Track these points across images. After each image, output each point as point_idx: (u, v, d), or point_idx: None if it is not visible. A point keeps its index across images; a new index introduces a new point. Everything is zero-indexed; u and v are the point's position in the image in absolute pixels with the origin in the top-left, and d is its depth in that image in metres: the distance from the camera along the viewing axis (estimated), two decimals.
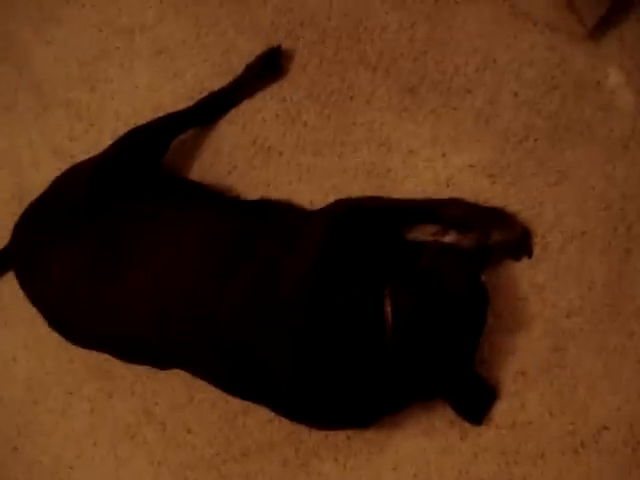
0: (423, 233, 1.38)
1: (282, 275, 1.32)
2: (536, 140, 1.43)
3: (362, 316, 1.29)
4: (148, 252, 1.44)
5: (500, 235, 1.37)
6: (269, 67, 1.62)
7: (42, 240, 1.54)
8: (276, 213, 1.50)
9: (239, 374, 1.38)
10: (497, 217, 1.40)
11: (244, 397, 1.44)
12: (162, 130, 1.62)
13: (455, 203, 1.42)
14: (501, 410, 1.39)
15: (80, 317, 1.50)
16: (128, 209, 1.50)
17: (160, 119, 1.63)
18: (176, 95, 1.70)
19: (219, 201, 1.56)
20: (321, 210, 1.45)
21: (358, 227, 1.36)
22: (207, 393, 1.55)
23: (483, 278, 1.35)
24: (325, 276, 1.31)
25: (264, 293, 1.32)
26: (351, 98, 1.57)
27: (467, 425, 1.39)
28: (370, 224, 1.37)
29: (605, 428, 1.33)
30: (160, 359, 1.51)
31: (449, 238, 1.37)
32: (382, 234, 1.37)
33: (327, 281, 1.30)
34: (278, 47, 1.62)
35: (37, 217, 1.59)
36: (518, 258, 1.40)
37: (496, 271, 1.41)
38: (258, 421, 1.55)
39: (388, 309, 1.28)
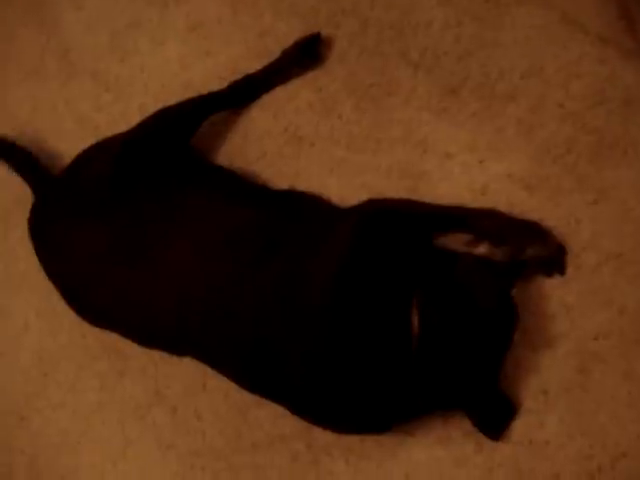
0: (455, 242, 1.35)
1: (309, 276, 1.30)
2: (578, 155, 1.39)
3: (387, 322, 1.26)
4: (173, 237, 1.41)
5: (535, 251, 1.34)
6: (307, 54, 1.58)
7: (65, 214, 1.51)
8: (306, 208, 1.47)
9: (256, 370, 1.36)
10: (533, 232, 1.36)
11: (259, 393, 1.43)
12: (193, 111, 1.57)
13: (491, 214, 1.39)
14: (519, 427, 1.37)
15: (97, 297, 1.48)
16: (154, 191, 1.47)
17: (191, 100, 1.59)
18: (207, 74, 1.65)
19: (247, 190, 1.52)
20: (354, 210, 1.41)
21: (390, 231, 1.33)
22: (221, 382, 1.51)
23: (514, 293, 1.33)
24: (353, 279, 1.28)
25: (290, 292, 1.30)
26: (390, 94, 1.52)
27: (483, 438, 1.37)
28: (402, 228, 1.34)
29: (623, 455, 1.31)
30: (175, 346, 1.50)
31: (482, 249, 1.34)
32: (413, 239, 1.35)
33: (355, 284, 1.27)
34: (317, 34, 1.57)
35: (61, 190, 1.56)
36: (550, 275, 1.38)
37: (526, 287, 1.38)
38: (270, 414, 1.53)
39: (415, 319, 1.26)
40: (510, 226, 1.37)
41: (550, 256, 1.36)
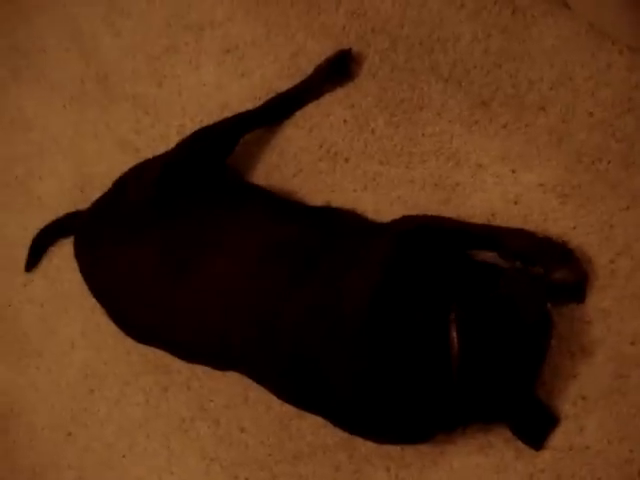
0: (491, 256, 1.37)
1: (346, 292, 1.32)
2: (609, 162, 1.41)
3: (425, 337, 1.28)
4: (214, 255, 1.44)
5: (562, 274, 1.36)
6: (338, 70, 1.61)
7: (109, 235, 1.55)
8: (341, 224, 1.49)
9: (298, 384, 1.39)
10: (562, 256, 1.37)
11: (300, 406, 1.46)
12: (229, 131, 1.61)
13: (523, 234, 1.40)
14: (559, 433, 1.38)
15: (141, 315, 1.53)
16: (194, 211, 1.51)
17: (226, 120, 1.63)
18: (243, 95, 1.70)
19: (284, 207, 1.55)
20: (387, 226, 1.44)
21: (424, 246, 1.36)
22: (262, 394, 1.54)
23: (549, 305, 1.34)
24: (389, 295, 1.30)
25: (328, 309, 1.32)
26: (421, 108, 1.55)
27: (523, 445, 1.39)
28: (436, 244, 1.37)
29: None
30: (219, 362, 1.53)
31: (517, 265, 1.36)
32: (448, 255, 1.37)
33: (391, 300, 1.30)
34: (349, 50, 1.61)
35: (105, 211, 1.61)
36: (569, 301, 1.39)
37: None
38: (312, 425, 1.56)
39: (454, 334, 1.27)
40: (541, 247, 1.38)
41: (575, 282, 1.37)
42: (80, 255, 1.63)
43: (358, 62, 1.61)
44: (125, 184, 1.61)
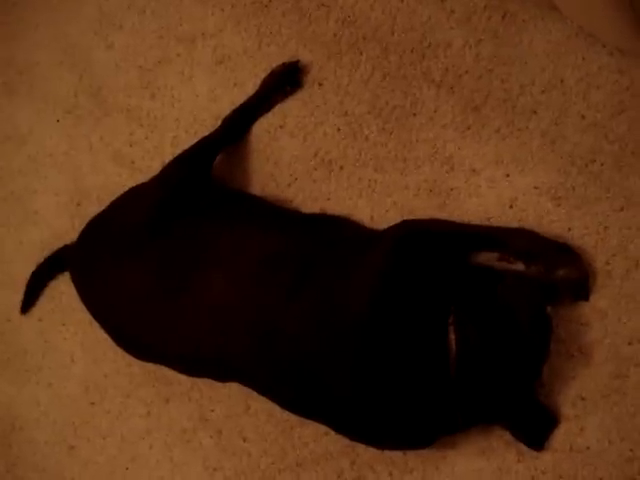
0: (489, 259, 1.38)
1: (345, 299, 1.33)
2: (602, 164, 1.42)
3: (424, 341, 1.30)
4: (209, 271, 1.44)
5: (565, 272, 1.37)
6: (288, 81, 1.64)
7: (104, 258, 1.54)
8: (338, 232, 1.50)
9: (299, 393, 1.40)
10: (564, 253, 1.39)
11: (303, 414, 1.46)
12: (197, 161, 1.61)
13: (523, 234, 1.41)
14: (559, 434, 1.40)
15: (139, 332, 1.52)
16: (188, 229, 1.50)
17: (191, 149, 1.63)
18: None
19: (278, 216, 1.56)
20: (387, 231, 1.45)
21: (422, 250, 1.36)
22: (264, 403, 1.54)
23: (549, 309, 1.35)
24: (388, 302, 1.31)
25: (327, 317, 1.33)
26: (414, 114, 1.56)
27: (524, 447, 1.40)
28: (435, 248, 1.37)
29: None
30: (219, 374, 1.53)
31: (515, 267, 1.37)
32: (447, 258, 1.37)
33: (390, 307, 1.31)
34: (296, 62, 1.64)
35: (100, 234, 1.60)
36: (575, 299, 1.40)
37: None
38: (314, 432, 1.57)
39: (452, 337, 1.29)
40: (543, 245, 1.39)
41: (579, 278, 1.38)
42: (77, 277, 1.63)
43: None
44: (119, 209, 1.61)
